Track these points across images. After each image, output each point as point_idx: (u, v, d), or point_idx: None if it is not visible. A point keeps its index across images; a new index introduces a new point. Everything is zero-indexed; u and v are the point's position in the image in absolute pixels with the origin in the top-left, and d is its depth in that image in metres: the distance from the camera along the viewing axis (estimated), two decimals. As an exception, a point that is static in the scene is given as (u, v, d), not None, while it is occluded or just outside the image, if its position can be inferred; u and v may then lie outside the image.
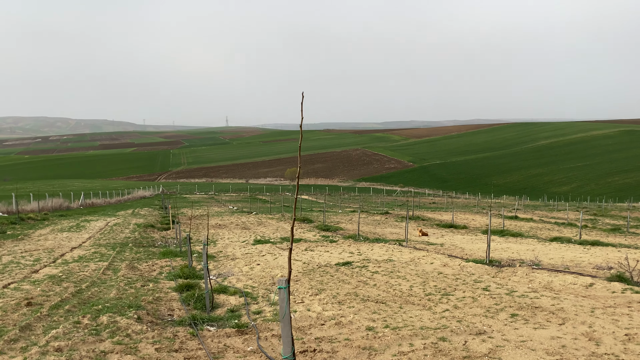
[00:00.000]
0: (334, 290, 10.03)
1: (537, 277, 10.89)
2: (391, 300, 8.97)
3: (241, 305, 8.92)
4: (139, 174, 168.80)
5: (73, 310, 8.11)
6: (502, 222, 33.39)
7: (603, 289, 9.41)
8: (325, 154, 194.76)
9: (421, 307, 8.43)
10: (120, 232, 23.68)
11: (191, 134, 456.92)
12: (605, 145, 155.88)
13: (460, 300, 8.83)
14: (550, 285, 10.13)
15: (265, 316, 8.16)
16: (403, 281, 10.94)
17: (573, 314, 7.54)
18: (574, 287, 9.81)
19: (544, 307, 8.05)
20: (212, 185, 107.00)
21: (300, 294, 9.86)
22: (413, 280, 10.97)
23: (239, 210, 42.60)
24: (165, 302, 9.15)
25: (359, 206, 46.12)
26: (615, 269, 12.77)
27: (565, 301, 8.48)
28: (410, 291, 9.83)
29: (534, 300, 8.56)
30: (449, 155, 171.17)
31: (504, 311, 7.90)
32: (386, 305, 8.62)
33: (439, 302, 8.77)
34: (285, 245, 18.63)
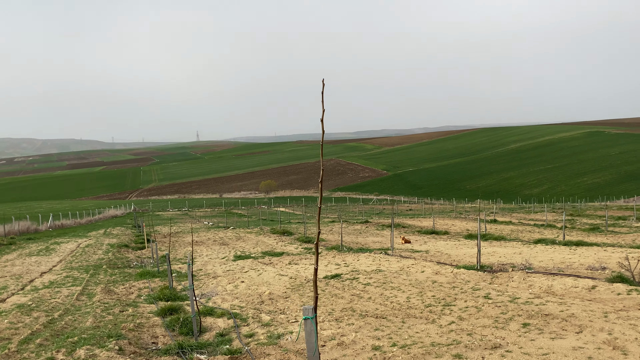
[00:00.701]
0: (329, 306, 9.45)
1: (536, 282, 10.53)
2: (391, 314, 8.44)
3: (231, 328, 8.26)
4: (110, 192, 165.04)
5: (45, 344, 7.33)
6: (482, 226, 33.38)
7: (607, 291, 9.08)
8: (300, 165, 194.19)
9: (425, 320, 7.92)
10: (93, 253, 22.61)
11: (161, 150, 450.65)
12: (572, 147, 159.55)
13: (464, 311, 8.35)
14: (552, 290, 9.76)
15: (259, 339, 7.52)
16: (399, 292, 10.43)
17: (587, 320, 7.13)
18: (576, 291, 9.46)
19: (554, 314, 7.64)
20: (185, 202, 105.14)
21: (292, 312, 9.25)
22: (409, 291, 10.47)
23: (215, 226, 41.59)
24: (148, 328, 8.42)
25: (338, 216, 45.64)
26: (609, 269, 12.55)
27: (573, 306, 8.10)
28: (409, 303, 9.33)
29: (541, 307, 8.14)
30: (421, 162, 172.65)
31: (513, 320, 7.45)
32: (387, 320, 8.08)
33: (442, 314, 8.28)
34: (267, 260, 17.97)
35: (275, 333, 7.71)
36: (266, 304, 10.12)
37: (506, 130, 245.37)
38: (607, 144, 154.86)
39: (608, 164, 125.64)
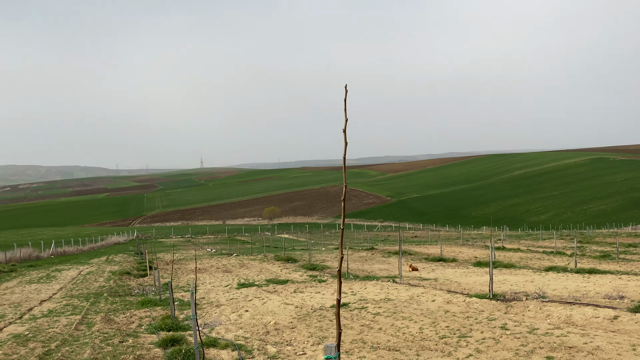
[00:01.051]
0: (337, 337, 9.03)
1: (553, 311, 10.08)
2: (404, 347, 8.01)
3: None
4: (113, 219, 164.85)
5: (39, 378, 6.93)
6: (489, 253, 32.82)
7: (631, 322, 8.64)
8: (303, 191, 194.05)
9: (441, 353, 7.49)
10: (94, 281, 22.20)
11: (165, 176, 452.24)
12: (578, 173, 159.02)
13: (481, 343, 7.92)
14: (571, 320, 9.31)
15: (265, 373, 7.10)
16: (410, 323, 9.99)
17: (615, 353, 6.70)
18: (597, 321, 9.02)
19: (578, 346, 7.21)
20: (188, 228, 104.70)
21: (299, 343, 8.82)
22: (421, 322, 10.03)
23: (218, 253, 41.12)
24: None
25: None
26: (628, 298, 12.08)
27: (597, 338, 7.66)
28: (422, 334, 8.89)
29: (563, 339, 7.71)
30: (425, 189, 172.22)
31: (535, 354, 7.02)
32: (401, 353, 7.65)
33: (458, 346, 7.85)
34: (271, 288, 17.52)
35: (281, 366, 7.29)
36: (272, 335, 9.70)
37: (511, 157, 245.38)
38: (613, 170, 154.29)
39: (614, 191, 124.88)
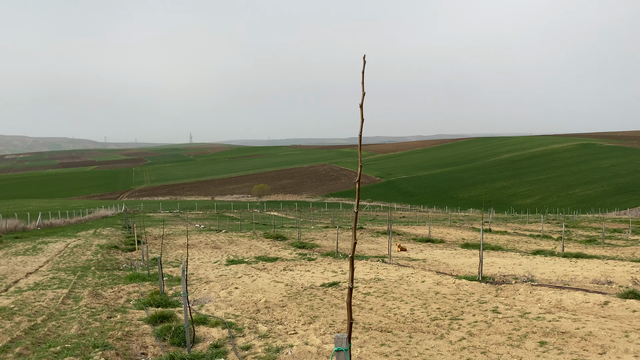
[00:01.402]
0: (329, 317, 8.97)
1: (544, 295, 10.11)
2: (396, 328, 7.98)
3: (226, 339, 7.75)
4: (101, 192, 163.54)
5: (25, 353, 6.79)
6: (476, 235, 32.98)
7: (621, 308, 8.67)
8: (293, 169, 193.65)
9: (433, 335, 7.46)
10: (81, 254, 21.98)
11: (154, 151, 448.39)
12: (565, 158, 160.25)
13: (473, 326, 7.90)
14: (562, 305, 9.34)
15: (256, 352, 7.02)
16: (401, 304, 9.97)
17: (608, 340, 6.71)
18: (588, 306, 9.05)
19: (571, 331, 7.21)
20: (176, 203, 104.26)
21: (291, 322, 8.76)
22: (412, 303, 10.01)
23: (206, 229, 40.99)
24: (137, 337, 7.89)
25: (332, 221, 45.18)
26: (616, 284, 12.16)
27: (589, 323, 7.67)
28: (413, 315, 8.87)
29: (555, 324, 7.71)
30: (414, 170, 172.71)
31: (528, 338, 7.01)
32: (393, 334, 7.61)
33: (450, 329, 7.83)
34: (261, 266, 17.46)
35: (274, 346, 7.22)
36: (262, 313, 9.63)
37: (500, 140, 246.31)
38: (599, 156, 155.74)
39: (600, 177, 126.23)
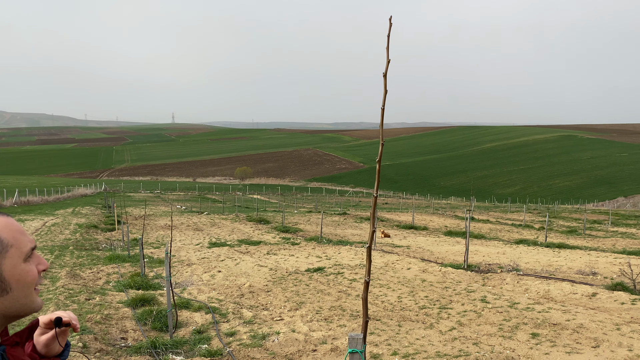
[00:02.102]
0: (315, 303, 8.76)
1: (531, 286, 10.04)
2: (385, 316, 7.81)
3: (209, 325, 7.50)
4: (80, 171, 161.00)
5: None
6: (459, 223, 33.13)
7: (609, 300, 8.63)
8: (277, 153, 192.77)
9: (422, 325, 7.31)
10: (59, 233, 21.46)
11: (135, 130, 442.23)
12: (546, 149, 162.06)
13: (463, 315, 7.77)
14: (550, 295, 9.28)
15: (241, 339, 6.78)
16: (388, 291, 9.82)
17: (600, 332, 6.61)
18: (576, 297, 8.99)
19: (562, 323, 7.11)
20: (157, 184, 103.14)
21: (276, 308, 8.53)
22: (399, 290, 9.87)
23: (188, 210, 40.53)
24: (117, 321, 7.59)
25: (315, 206, 45.03)
26: (601, 275, 12.19)
27: (579, 315, 7.59)
28: (401, 303, 8.71)
29: (545, 315, 7.61)
30: (398, 157, 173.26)
31: (520, 330, 6.88)
32: (382, 322, 7.43)
33: (440, 318, 7.68)
34: (244, 249, 17.20)
35: (260, 333, 6.99)
36: (247, 298, 9.39)
37: (483, 130, 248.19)
38: (580, 148, 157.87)
39: (580, 168, 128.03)
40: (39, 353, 1.32)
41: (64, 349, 1.36)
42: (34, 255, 1.23)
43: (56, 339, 1.32)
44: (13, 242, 1.17)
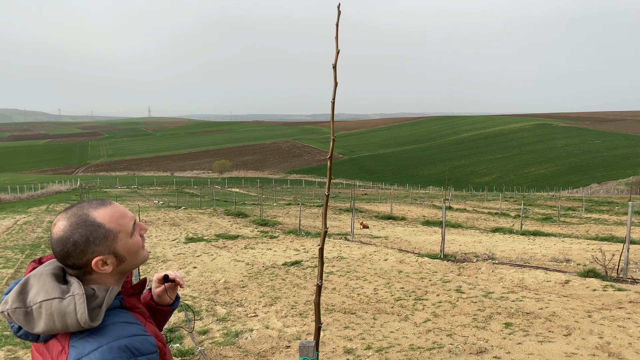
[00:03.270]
0: (291, 298, 8.68)
1: (506, 275, 10.12)
2: (360, 309, 7.76)
3: (182, 323, 7.36)
4: (54, 167, 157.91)
5: (-41, 341, 6.21)
6: (436, 212, 33.38)
7: (581, 287, 8.72)
8: (255, 145, 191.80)
9: (397, 317, 7.28)
10: (31, 231, 20.98)
11: (111, 124, 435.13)
12: (522, 137, 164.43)
13: (438, 306, 7.77)
14: (524, 284, 9.35)
15: (214, 337, 6.66)
16: (364, 283, 9.79)
17: (572, 320, 6.66)
18: (549, 285, 9.08)
19: (535, 312, 7.15)
20: (134, 179, 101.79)
21: (251, 304, 8.43)
22: (375, 282, 9.84)
23: (165, 205, 40.05)
24: (86, 322, 7.39)
25: (294, 198, 44.90)
26: (574, 262, 12.37)
27: (552, 303, 7.65)
28: (377, 295, 8.69)
29: (519, 304, 7.65)
30: (376, 148, 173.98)
31: (493, 319, 6.90)
32: (357, 316, 7.39)
33: (415, 310, 7.67)
34: (221, 244, 17.03)
35: (233, 330, 6.88)
36: (221, 294, 9.26)
37: (459, 119, 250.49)
38: (554, 136, 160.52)
39: (554, 156, 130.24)
40: (155, 301, 1.77)
41: (174, 300, 1.81)
42: (136, 226, 1.54)
43: (166, 292, 1.77)
44: (119, 228, 1.46)
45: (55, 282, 1.41)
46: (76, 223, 1.42)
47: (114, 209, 1.48)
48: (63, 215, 1.46)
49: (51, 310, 1.34)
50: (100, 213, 1.45)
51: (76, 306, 1.34)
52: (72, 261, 1.43)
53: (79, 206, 1.47)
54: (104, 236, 1.43)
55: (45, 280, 1.41)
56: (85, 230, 1.41)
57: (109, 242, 1.44)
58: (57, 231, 1.43)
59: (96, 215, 1.44)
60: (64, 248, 1.41)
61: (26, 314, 1.37)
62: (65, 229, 1.42)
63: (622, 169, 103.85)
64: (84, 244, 1.41)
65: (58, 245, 1.42)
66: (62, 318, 1.34)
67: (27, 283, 1.42)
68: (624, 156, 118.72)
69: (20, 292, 1.40)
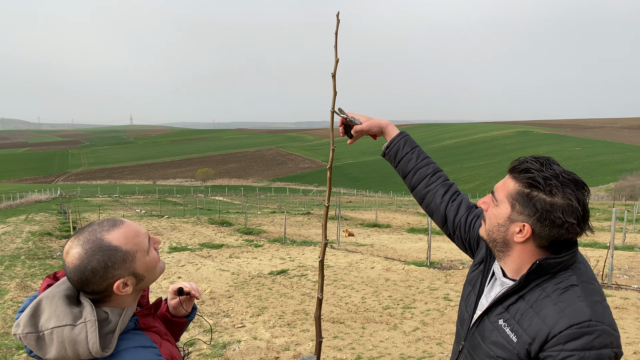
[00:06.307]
0: (278, 308, 8.58)
1: (492, 281, 10.15)
2: (349, 318, 7.70)
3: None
4: (34, 176, 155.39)
5: None
6: (421, 219, 33.53)
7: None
8: (239, 153, 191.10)
9: (386, 326, 7.23)
10: (10, 242, 20.51)
11: (92, 132, 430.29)
12: (504, 144, 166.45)
13: (426, 315, 7.74)
14: (511, 290, 9.38)
15: (200, 349, 6.53)
16: (352, 292, 9.73)
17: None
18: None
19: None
20: (116, 187, 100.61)
21: (238, 314, 8.30)
22: (363, 290, 9.79)
23: (148, 214, 39.57)
24: (68, 335, 7.20)
25: (279, 206, 44.70)
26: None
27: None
28: (365, 304, 8.63)
29: (507, 311, 7.66)
30: (360, 155, 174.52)
31: (482, 327, 6.90)
32: (345, 325, 7.32)
33: (403, 318, 7.63)
34: (205, 253, 16.84)
35: (220, 341, 6.76)
36: (207, 305, 9.12)
37: (442, 127, 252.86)
38: (536, 143, 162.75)
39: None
40: (171, 313, 1.73)
41: (190, 312, 1.77)
42: (150, 241, 1.49)
43: (181, 305, 1.73)
44: (136, 247, 1.42)
45: (68, 305, 1.36)
46: (91, 249, 1.37)
47: (128, 229, 1.43)
48: (75, 241, 1.40)
49: (62, 337, 1.30)
50: (114, 235, 1.40)
51: (87, 334, 1.30)
52: (91, 288, 1.39)
53: (90, 230, 1.41)
54: (122, 259, 1.40)
55: (57, 304, 1.36)
56: (102, 256, 1.37)
57: (127, 264, 1.41)
58: (72, 260, 1.38)
59: (111, 238, 1.40)
60: (82, 276, 1.37)
61: (38, 338, 1.32)
62: (81, 256, 1.37)
63: (602, 175, 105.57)
64: (103, 270, 1.37)
65: (75, 274, 1.37)
66: (74, 347, 1.30)
67: (39, 306, 1.37)
68: (604, 163, 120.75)
69: (32, 316, 1.34)
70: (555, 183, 1.44)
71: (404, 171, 2.04)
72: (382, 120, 2.02)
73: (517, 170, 1.52)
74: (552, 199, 1.44)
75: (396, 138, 2.02)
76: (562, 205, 1.43)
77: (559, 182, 1.45)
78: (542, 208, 1.44)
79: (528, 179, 1.47)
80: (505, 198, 1.54)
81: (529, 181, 1.47)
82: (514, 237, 1.52)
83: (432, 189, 1.98)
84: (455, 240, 1.95)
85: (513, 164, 1.56)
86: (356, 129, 1.97)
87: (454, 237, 1.95)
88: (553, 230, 1.46)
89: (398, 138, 2.02)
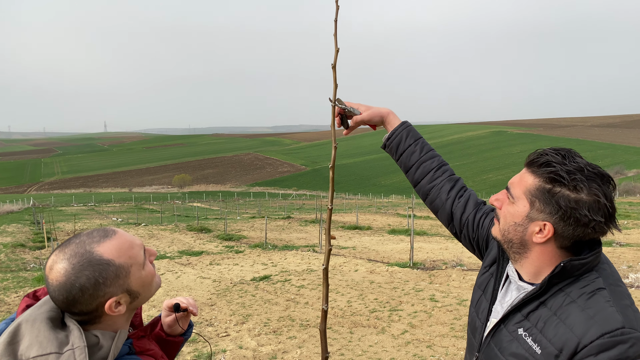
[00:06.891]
0: (263, 315, 8.40)
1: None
2: (336, 323, 7.56)
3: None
4: (5, 186, 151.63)
5: None
6: (401, 221, 33.62)
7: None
8: (216, 159, 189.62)
9: (374, 330, 7.11)
10: (-20, 255, 19.85)
11: (65, 140, 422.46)
12: (479, 145, 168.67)
13: (414, 317, 7.65)
14: (496, 289, 9.37)
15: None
16: (337, 295, 9.60)
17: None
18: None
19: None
20: (91, 196, 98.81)
21: (222, 323, 8.09)
22: (348, 294, 9.67)
23: (124, 222, 38.85)
24: (44, 350, 6.91)
25: (258, 211, 44.35)
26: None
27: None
28: (351, 308, 8.51)
29: (494, 310, 7.63)
30: (339, 158, 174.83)
31: (471, 328, 6.84)
32: (333, 330, 7.18)
33: (391, 321, 7.53)
34: (185, 260, 16.52)
35: (205, 352, 6.56)
36: (189, 314, 8.89)
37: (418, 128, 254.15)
38: (510, 143, 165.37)
39: (510, 162, 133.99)
40: (165, 332, 1.55)
41: (186, 329, 1.59)
42: (145, 253, 1.33)
43: (177, 322, 1.54)
44: (130, 261, 1.25)
45: (52, 330, 1.15)
46: (79, 264, 1.17)
47: (121, 240, 1.25)
48: (60, 254, 1.19)
49: None
50: (106, 248, 1.21)
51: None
52: (79, 308, 1.19)
53: (78, 242, 1.21)
54: (115, 275, 1.21)
55: (39, 328, 1.14)
56: (92, 271, 1.18)
57: (121, 280, 1.22)
58: (56, 276, 1.17)
59: (102, 250, 1.21)
60: (68, 295, 1.17)
61: None
62: (68, 272, 1.17)
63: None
64: (93, 287, 1.18)
65: (61, 293, 1.17)
66: None
67: (18, 331, 1.15)
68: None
69: (10, 343, 1.13)
70: (581, 177, 1.32)
71: (407, 165, 1.89)
72: (383, 109, 1.87)
73: (537, 163, 1.40)
74: (577, 195, 1.32)
75: (398, 128, 1.87)
76: (589, 202, 1.31)
77: (584, 176, 1.33)
78: (566, 205, 1.32)
79: (550, 174, 1.35)
80: (523, 195, 1.42)
81: (550, 176, 1.35)
82: (532, 238, 1.40)
83: (437, 184, 1.83)
84: (462, 239, 1.82)
85: (531, 157, 1.44)
86: (356, 120, 1.84)
87: (461, 237, 1.82)
88: (578, 230, 1.34)
89: (400, 128, 1.87)
